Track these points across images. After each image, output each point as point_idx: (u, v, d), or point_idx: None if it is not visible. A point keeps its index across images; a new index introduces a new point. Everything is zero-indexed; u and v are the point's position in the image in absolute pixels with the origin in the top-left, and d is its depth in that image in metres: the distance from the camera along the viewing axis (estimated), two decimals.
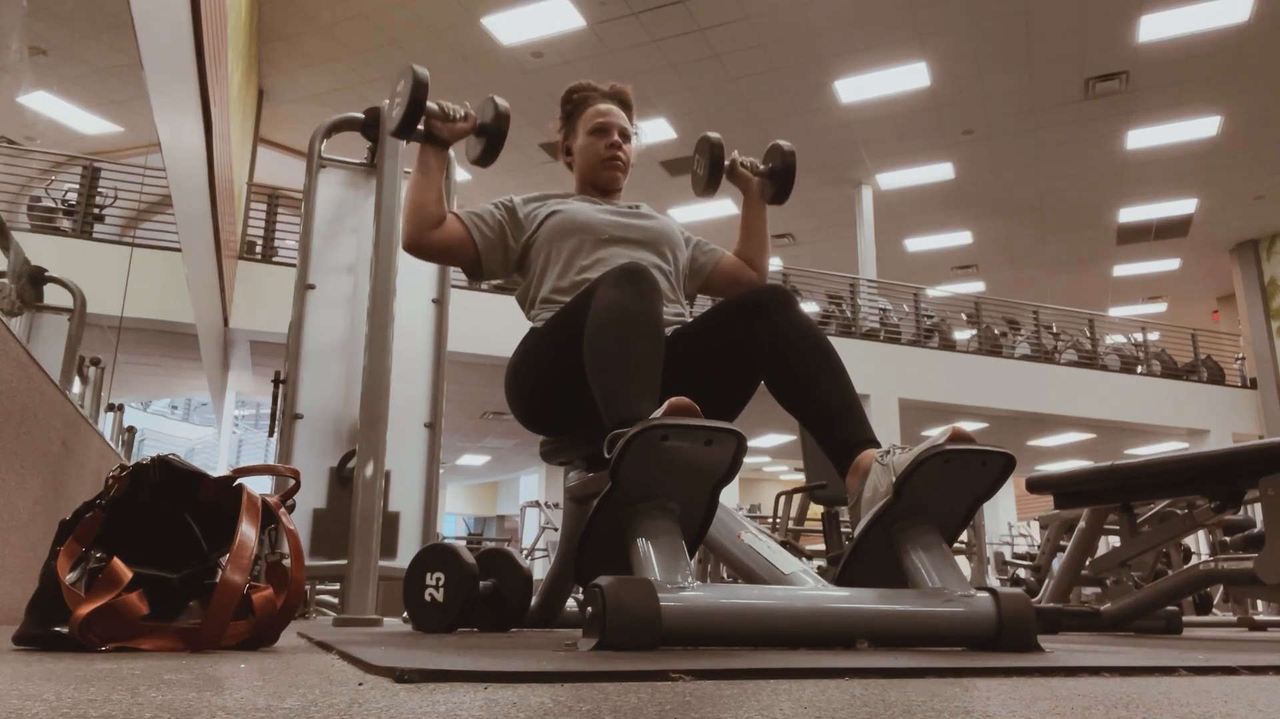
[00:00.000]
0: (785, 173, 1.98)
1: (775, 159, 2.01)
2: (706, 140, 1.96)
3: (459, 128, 1.82)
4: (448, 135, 1.81)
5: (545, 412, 1.75)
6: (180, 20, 3.75)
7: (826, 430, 1.50)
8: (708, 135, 1.97)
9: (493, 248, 1.87)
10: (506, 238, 1.88)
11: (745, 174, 2.01)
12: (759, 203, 2.04)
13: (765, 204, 2.05)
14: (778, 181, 2.00)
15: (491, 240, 1.87)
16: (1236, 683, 0.86)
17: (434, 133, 1.80)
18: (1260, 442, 2.16)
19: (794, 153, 1.98)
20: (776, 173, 2.00)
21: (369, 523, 2.61)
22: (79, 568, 1.22)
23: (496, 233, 1.88)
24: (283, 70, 9.93)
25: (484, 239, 1.86)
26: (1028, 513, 16.10)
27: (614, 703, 0.62)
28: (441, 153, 1.84)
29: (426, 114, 1.78)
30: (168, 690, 0.67)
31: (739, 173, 2.01)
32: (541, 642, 1.46)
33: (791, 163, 1.98)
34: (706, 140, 1.96)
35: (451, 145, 1.85)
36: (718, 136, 1.96)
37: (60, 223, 8.08)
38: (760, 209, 2.06)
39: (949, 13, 8.56)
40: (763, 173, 2.02)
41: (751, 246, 2.07)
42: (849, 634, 1.21)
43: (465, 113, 1.82)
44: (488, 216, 1.88)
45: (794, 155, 1.98)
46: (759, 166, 2.02)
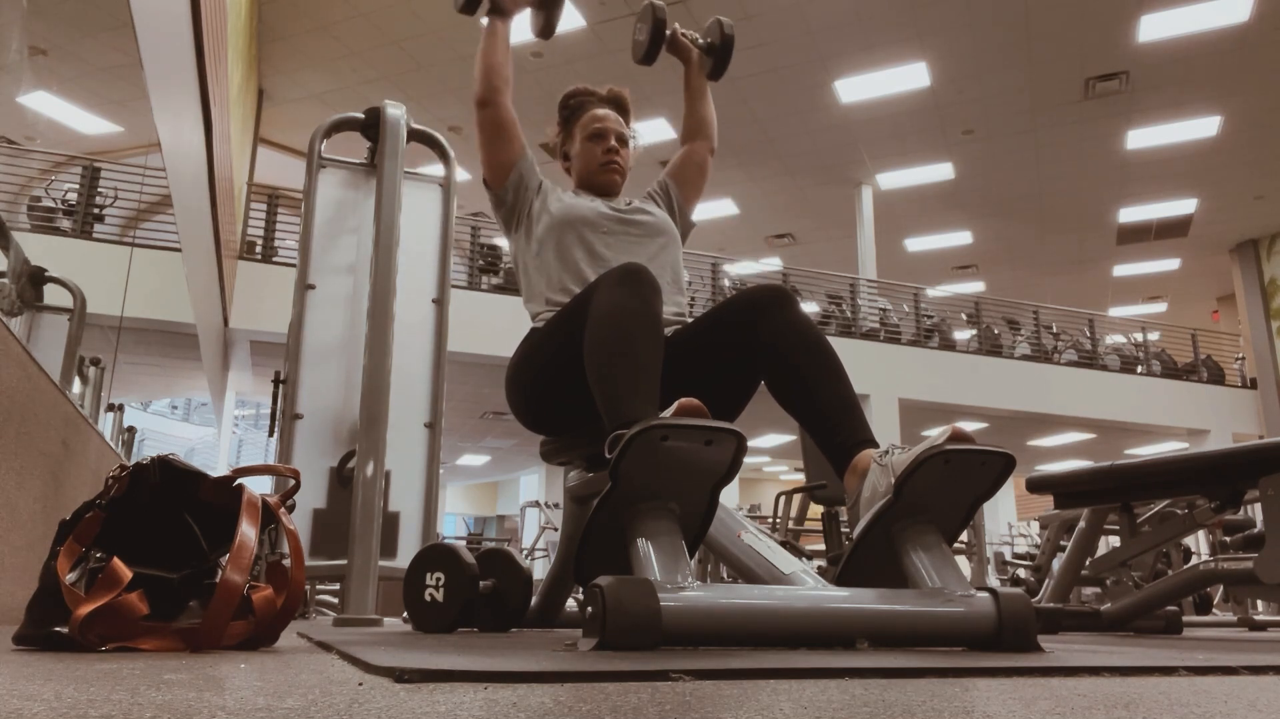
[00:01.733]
0: (724, 47, 2.04)
1: (714, 34, 2.06)
2: (650, 7, 2.00)
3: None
4: (510, 6, 1.91)
5: (545, 412, 1.75)
6: (180, 20, 3.75)
7: (825, 431, 1.51)
8: (652, 2, 2.00)
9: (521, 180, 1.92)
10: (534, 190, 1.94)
11: (685, 44, 2.07)
12: (699, 74, 2.11)
13: (705, 78, 2.10)
14: (716, 56, 2.05)
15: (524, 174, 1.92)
16: (1236, 683, 0.86)
17: (497, 5, 1.89)
18: (1260, 442, 2.16)
19: (733, 27, 2.03)
20: (715, 47, 2.06)
21: (369, 523, 2.61)
22: (79, 568, 1.22)
23: (531, 175, 1.94)
24: (283, 70, 9.93)
25: (525, 163, 1.93)
26: (1028, 513, 16.10)
27: (614, 703, 0.62)
28: (507, 21, 1.92)
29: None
30: (168, 690, 0.67)
31: (680, 43, 2.07)
32: (541, 642, 1.46)
33: (730, 36, 2.03)
34: (650, 7, 2.00)
35: (513, 14, 1.93)
36: (661, 4, 1.99)
37: (60, 223, 8.08)
38: (701, 79, 2.11)
39: (949, 13, 8.56)
40: (702, 46, 2.07)
41: (697, 111, 2.12)
42: (849, 634, 1.21)
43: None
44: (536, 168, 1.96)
45: (733, 29, 2.03)
46: (699, 40, 2.07)
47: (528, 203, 1.93)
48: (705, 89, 2.13)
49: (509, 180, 1.91)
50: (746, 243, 13.42)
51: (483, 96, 1.88)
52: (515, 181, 1.91)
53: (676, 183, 2.11)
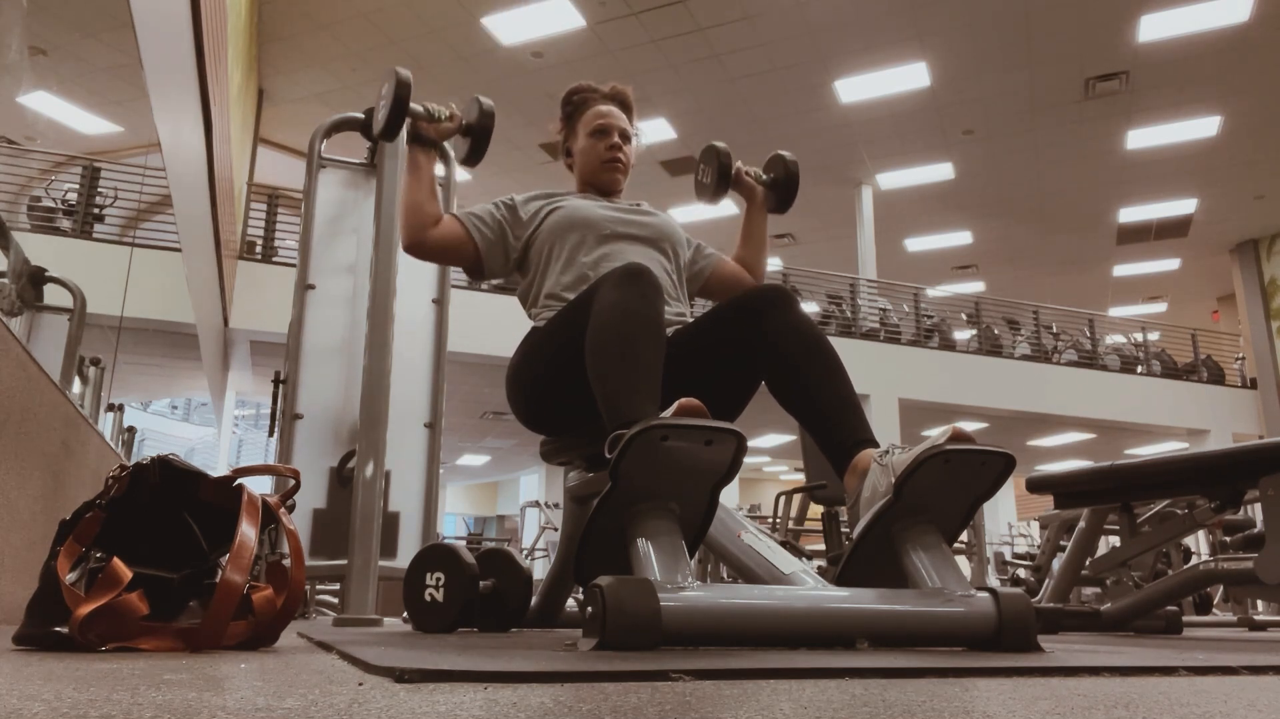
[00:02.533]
0: (788, 182, 2.04)
1: (779, 169, 2.06)
2: (714, 149, 2.01)
3: (444, 128, 1.84)
4: (434, 135, 1.83)
5: (546, 411, 1.75)
6: (180, 20, 3.75)
7: (825, 430, 1.51)
8: (715, 144, 2.02)
9: (493, 247, 1.87)
10: (507, 236, 1.89)
11: (750, 183, 2.06)
12: (761, 211, 2.08)
13: (767, 212, 2.09)
14: (780, 191, 2.05)
15: (491, 239, 1.87)
16: (1236, 683, 0.86)
17: (420, 134, 1.82)
18: (1260, 442, 2.16)
19: (797, 163, 2.03)
20: (779, 182, 2.05)
21: (369, 523, 2.61)
22: (79, 568, 1.22)
23: (496, 232, 1.88)
24: (283, 70, 9.93)
25: (484, 239, 1.86)
26: (1028, 513, 16.10)
27: (614, 703, 0.62)
28: (430, 152, 1.85)
29: (411, 115, 1.79)
30: (168, 690, 0.67)
31: (744, 181, 2.06)
32: (541, 642, 1.46)
33: (795, 173, 2.03)
34: (714, 149, 2.01)
35: (439, 145, 1.87)
36: (725, 146, 2.01)
37: (60, 223, 8.08)
38: (762, 217, 2.09)
39: (949, 13, 8.56)
40: (766, 182, 2.07)
41: (751, 252, 2.10)
42: (849, 634, 1.21)
43: (450, 113, 1.84)
44: (486, 216, 1.89)
45: (797, 165, 2.03)
46: (763, 176, 2.07)
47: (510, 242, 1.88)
48: (764, 232, 2.09)
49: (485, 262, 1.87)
50: None
51: (409, 243, 1.81)
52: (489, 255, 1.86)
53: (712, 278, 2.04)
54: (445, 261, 1.87)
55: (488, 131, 1.83)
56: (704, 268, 2.05)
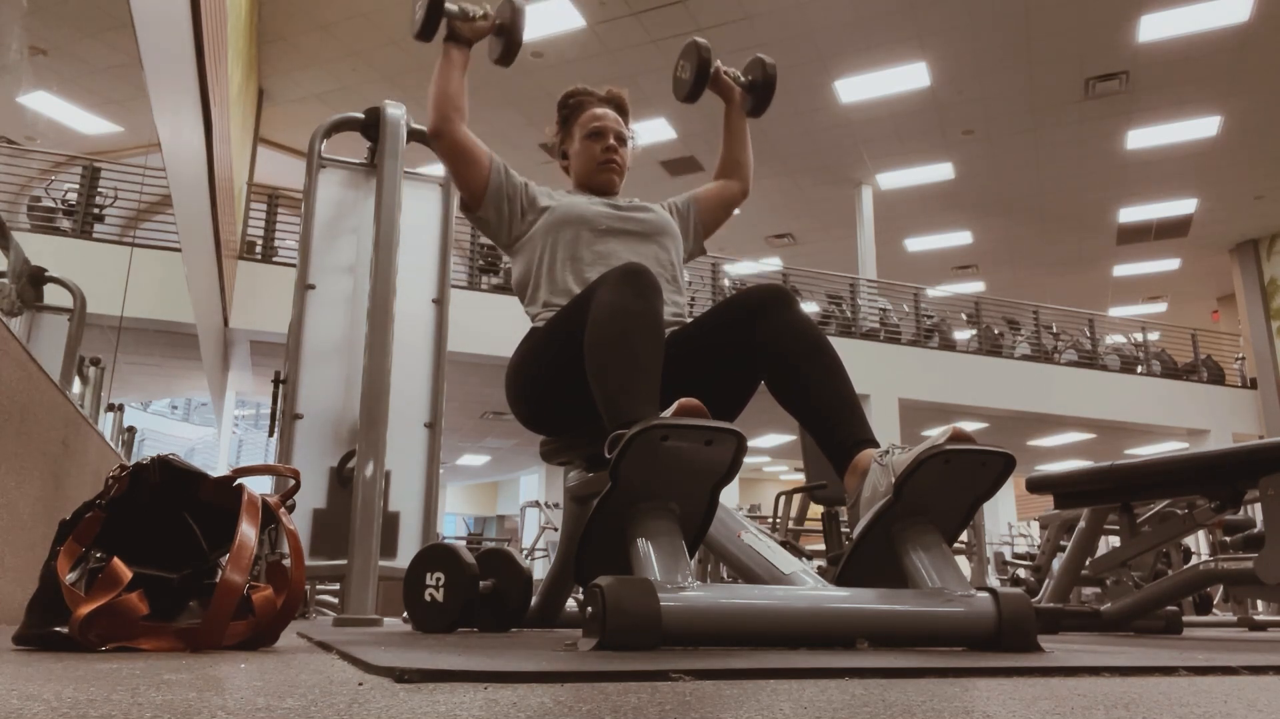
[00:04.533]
0: (766, 85, 2.06)
1: (757, 71, 2.08)
2: (695, 45, 2.01)
3: (479, 26, 1.88)
4: (469, 34, 1.88)
5: (545, 411, 1.75)
6: (180, 20, 3.75)
7: (825, 430, 1.51)
8: (696, 40, 2.02)
9: (500, 192, 1.89)
10: (518, 201, 1.91)
11: (728, 82, 2.08)
12: (739, 112, 2.12)
13: (745, 115, 2.11)
14: (758, 93, 2.07)
15: (501, 185, 1.89)
16: (1236, 683, 0.86)
17: (455, 32, 1.87)
18: (1260, 442, 2.16)
19: (775, 66, 2.05)
20: (757, 84, 2.07)
21: (369, 523, 2.61)
22: (79, 568, 1.22)
23: (510, 188, 1.90)
24: (283, 70, 9.93)
25: (497, 180, 1.89)
26: (1028, 513, 16.10)
27: (614, 703, 0.62)
28: (464, 50, 1.89)
29: (446, 14, 1.83)
30: (168, 690, 0.67)
31: (722, 81, 2.08)
32: (541, 642, 1.46)
33: (773, 75, 2.05)
34: (695, 45, 2.01)
35: (473, 43, 1.90)
36: (705, 43, 2.01)
37: (60, 223, 8.07)
38: (741, 118, 2.13)
39: (949, 13, 8.56)
40: (744, 84, 2.08)
41: (734, 151, 2.14)
42: (849, 634, 1.21)
43: (484, 11, 1.88)
44: (512, 173, 1.92)
45: (775, 69, 2.05)
46: (741, 78, 2.09)
47: (515, 211, 1.90)
48: (745, 130, 2.14)
49: (486, 198, 1.88)
50: (746, 243, 13.42)
51: (435, 127, 1.85)
52: (493, 196, 1.89)
53: (699, 211, 2.11)
54: (454, 164, 1.87)
55: (520, 30, 1.88)
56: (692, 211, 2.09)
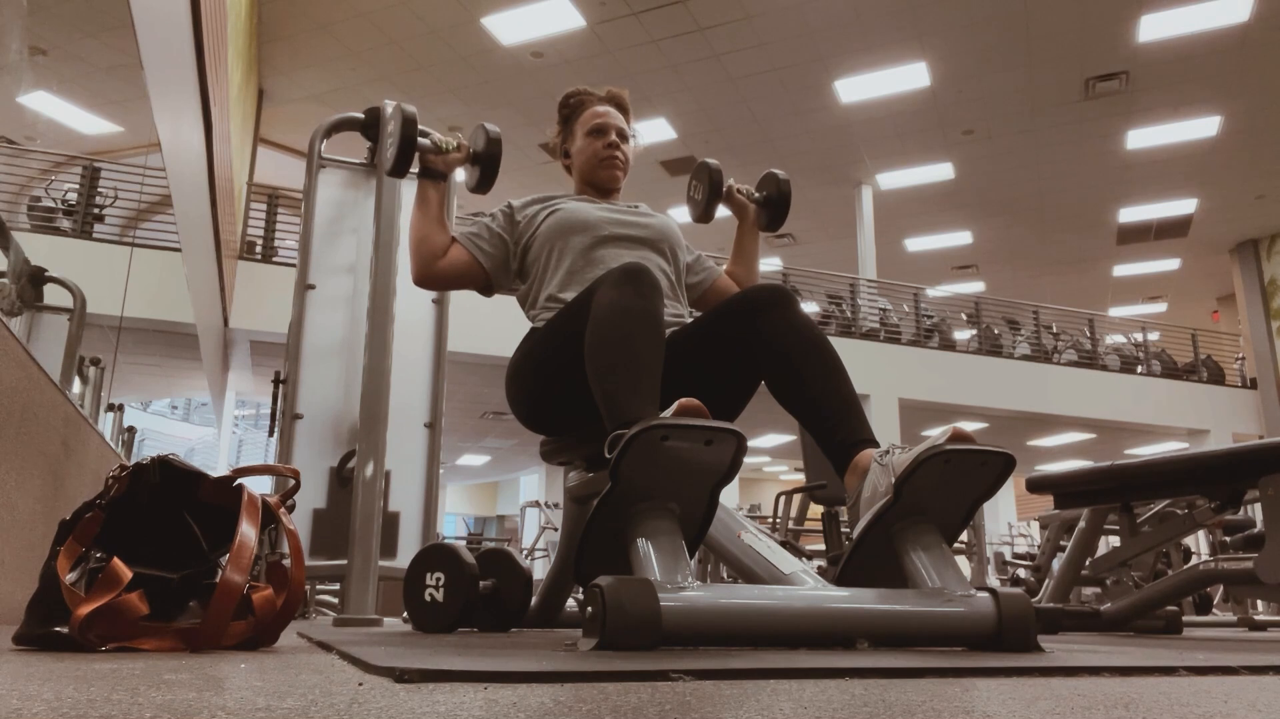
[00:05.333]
0: (780, 200, 2.04)
1: (770, 187, 2.06)
2: (705, 167, 2.00)
3: (453, 158, 1.85)
4: (443, 167, 1.85)
5: (545, 412, 1.75)
6: (180, 20, 3.75)
7: (825, 430, 1.50)
8: (706, 162, 2.01)
9: (498, 264, 1.89)
10: (508, 247, 1.90)
11: (741, 200, 2.06)
12: (753, 228, 2.09)
13: (759, 230, 2.09)
14: (772, 209, 2.05)
15: (495, 256, 1.89)
16: (1236, 683, 0.86)
17: (430, 166, 1.84)
18: (1260, 442, 2.16)
19: (789, 181, 2.03)
20: (771, 200, 2.05)
21: (369, 523, 2.61)
22: (79, 568, 1.22)
23: (498, 247, 1.89)
24: (283, 70, 9.93)
25: (488, 258, 1.88)
26: (1028, 513, 16.10)
27: (614, 703, 0.62)
28: (440, 184, 1.87)
29: (420, 150, 1.81)
30: (168, 690, 0.67)
31: (735, 199, 2.06)
32: (541, 642, 1.46)
33: (787, 191, 2.03)
34: (705, 167, 2.00)
35: (448, 175, 1.89)
36: (716, 164, 2.01)
37: (60, 223, 8.07)
38: (754, 234, 2.10)
39: (949, 13, 8.56)
40: (758, 200, 2.06)
41: (743, 268, 2.11)
42: (849, 634, 1.21)
43: (458, 143, 1.86)
44: (484, 233, 1.90)
45: (789, 184, 2.03)
46: (755, 194, 2.07)
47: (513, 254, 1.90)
48: (756, 251, 2.10)
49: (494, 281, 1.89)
50: None
51: (419, 277, 1.83)
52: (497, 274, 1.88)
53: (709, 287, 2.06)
54: (456, 288, 1.90)
55: (496, 159, 1.85)
56: (703, 280, 2.06)
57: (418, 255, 1.83)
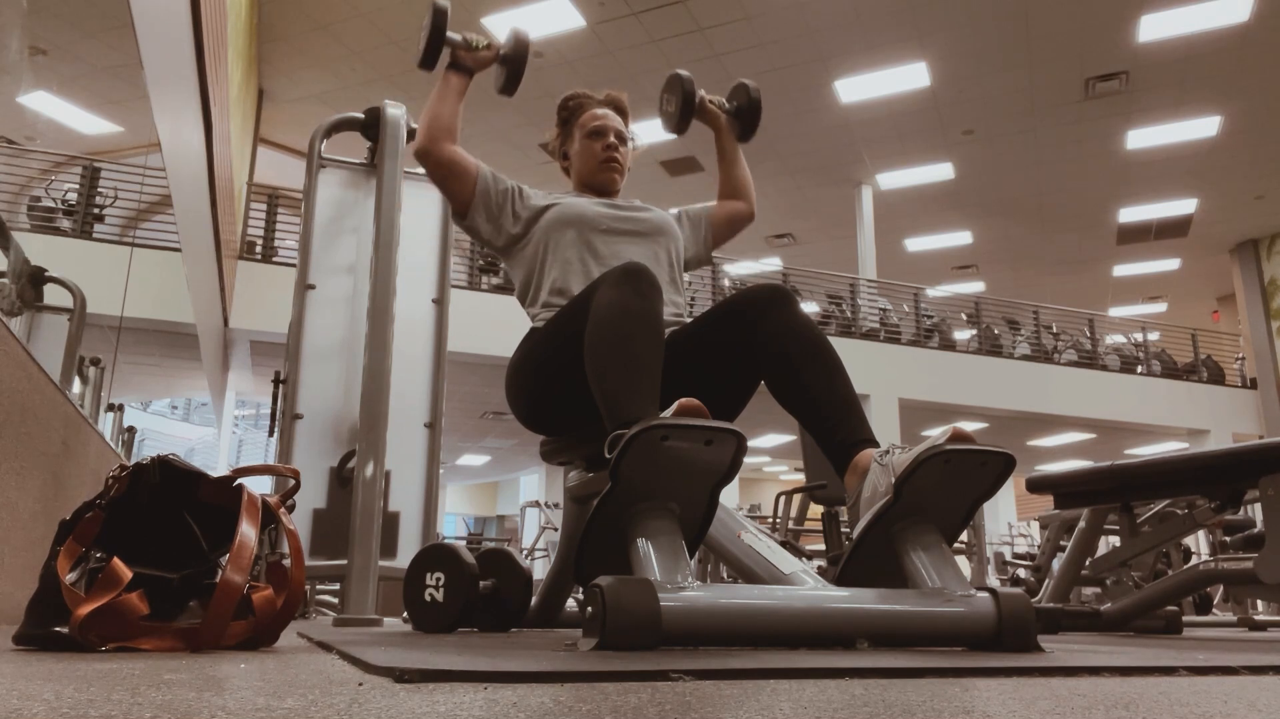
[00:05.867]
0: (751, 109, 2.06)
1: (741, 97, 2.08)
2: (678, 78, 2.02)
3: (482, 56, 1.89)
4: (471, 63, 1.89)
5: (545, 412, 1.75)
6: (180, 20, 3.75)
7: (825, 430, 1.50)
8: (678, 73, 2.03)
9: (488, 202, 1.89)
10: (507, 206, 1.90)
11: (714, 111, 2.09)
12: (730, 138, 2.12)
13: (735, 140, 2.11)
14: (744, 119, 2.07)
15: (490, 196, 1.89)
16: (1236, 683, 0.86)
17: (458, 61, 1.88)
18: (1260, 442, 2.16)
19: (759, 89, 2.06)
20: (743, 110, 2.07)
21: (369, 523, 2.61)
22: (79, 568, 1.22)
23: (499, 195, 1.90)
24: (283, 70, 9.93)
25: (484, 189, 1.88)
26: (1028, 513, 16.10)
27: (614, 703, 0.62)
28: (464, 78, 1.89)
29: (450, 44, 1.85)
30: (168, 690, 0.67)
31: (708, 110, 2.08)
32: (541, 642, 1.46)
33: (757, 99, 2.06)
34: (678, 78, 2.02)
35: (475, 73, 1.91)
36: (688, 74, 2.02)
37: (60, 223, 8.07)
38: (733, 143, 2.13)
39: (949, 13, 8.56)
40: (729, 110, 2.09)
41: (734, 177, 2.14)
42: (849, 634, 1.21)
43: (488, 43, 1.89)
44: (501, 180, 1.91)
45: (759, 93, 2.06)
46: (726, 105, 2.09)
47: (506, 214, 1.89)
48: (737, 152, 2.14)
49: (474, 205, 1.87)
50: (746, 243, 13.41)
51: (421, 147, 1.84)
52: (480, 202, 1.87)
53: (712, 223, 2.11)
54: (442, 180, 1.88)
55: (523, 62, 1.89)
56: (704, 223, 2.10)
57: (426, 127, 1.84)
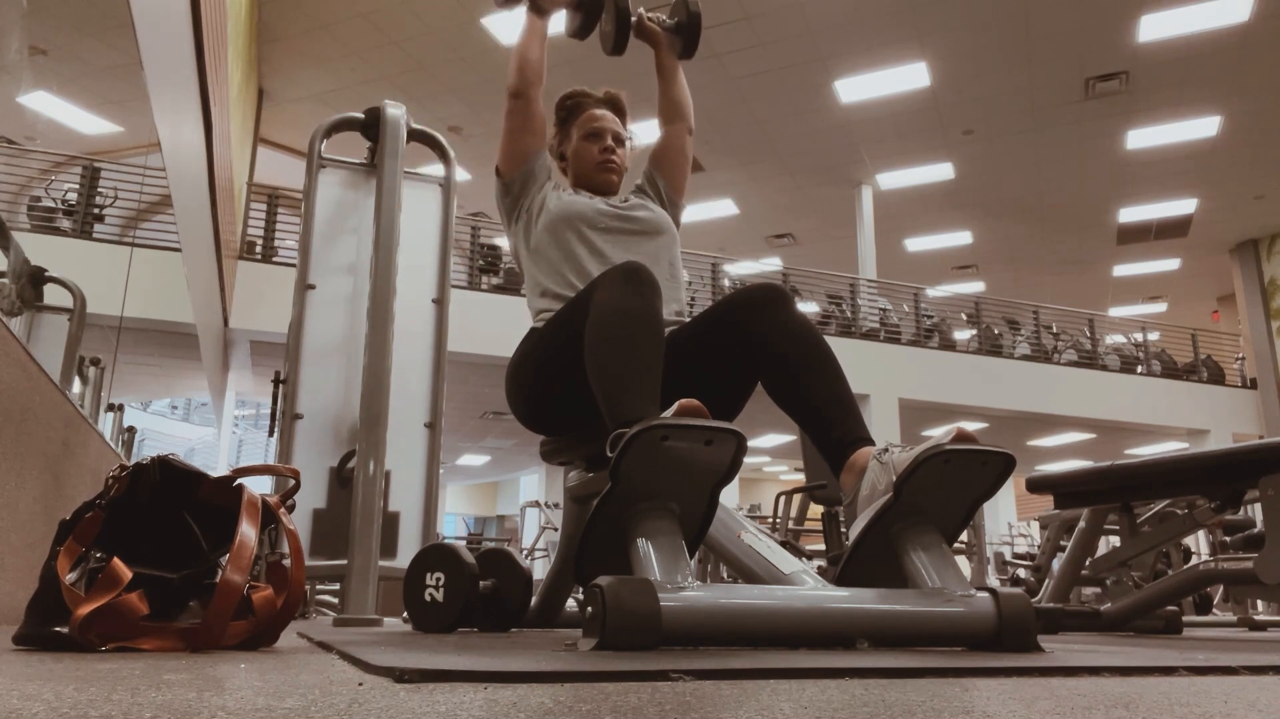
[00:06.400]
0: (691, 25, 2.05)
1: (681, 12, 2.06)
2: None
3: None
4: (547, 4, 1.92)
5: (545, 411, 1.75)
6: (180, 20, 3.75)
7: (822, 429, 1.51)
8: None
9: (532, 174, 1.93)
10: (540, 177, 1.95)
11: (653, 29, 2.08)
12: (670, 56, 2.11)
13: (676, 59, 2.10)
14: (684, 34, 2.05)
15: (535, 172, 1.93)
16: (1236, 683, 0.86)
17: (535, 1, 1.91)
18: (1260, 442, 2.16)
19: (699, 3, 2.04)
20: (683, 26, 2.06)
21: (369, 523, 2.61)
22: (79, 568, 1.22)
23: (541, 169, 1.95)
24: (283, 70, 9.93)
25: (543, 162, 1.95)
26: (1028, 513, 16.10)
27: (614, 703, 0.62)
28: (544, 16, 1.93)
29: None
30: (168, 690, 0.67)
31: (647, 27, 2.07)
32: (541, 642, 1.46)
33: (696, 13, 2.03)
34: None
35: (551, 13, 1.94)
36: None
37: (60, 223, 8.07)
38: (673, 61, 2.12)
39: (949, 13, 8.56)
40: (669, 27, 2.07)
41: (671, 93, 2.13)
42: (849, 634, 1.21)
43: None
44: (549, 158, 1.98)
45: (699, 6, 2.04)
46: (665, 21, 2.07)
47: (531, 196, 1.94)
48: (677, 70, 2.13)
49: (521, 170, 1.92)
50: (746, 243, 13.42)
51: (516, 87, 1.90)
52: (526, 173, 1.93)
53: (661, 171, 2.09)
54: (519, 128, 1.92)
55: (599, 6, 1.91)
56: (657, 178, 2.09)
57: (520, 68, 1.90)
